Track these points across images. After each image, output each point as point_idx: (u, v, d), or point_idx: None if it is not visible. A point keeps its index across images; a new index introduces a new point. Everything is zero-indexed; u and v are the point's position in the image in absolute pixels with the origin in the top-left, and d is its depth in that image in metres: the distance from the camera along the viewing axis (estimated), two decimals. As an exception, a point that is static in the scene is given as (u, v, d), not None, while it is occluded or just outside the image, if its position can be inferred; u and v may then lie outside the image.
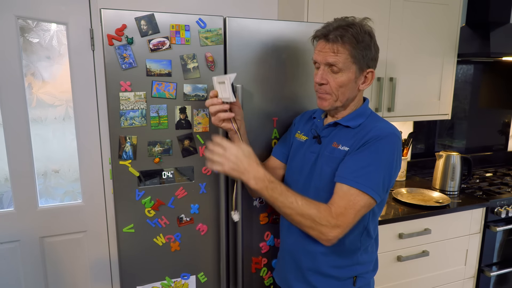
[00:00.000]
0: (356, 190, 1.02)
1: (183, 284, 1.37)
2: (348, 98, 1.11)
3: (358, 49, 1.05)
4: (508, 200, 2.09)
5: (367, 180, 1.02)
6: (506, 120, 2.89)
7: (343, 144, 1.10)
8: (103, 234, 1.90)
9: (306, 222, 1.02)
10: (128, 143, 1.21)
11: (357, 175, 1.03)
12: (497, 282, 2.19)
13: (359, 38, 1.04)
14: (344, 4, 1.81)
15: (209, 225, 1.37)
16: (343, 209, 1.01)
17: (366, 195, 1.02)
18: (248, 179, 1.03)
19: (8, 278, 1.76)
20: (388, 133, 1.06)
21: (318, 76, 1.09)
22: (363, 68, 1.09)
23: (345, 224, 1.01)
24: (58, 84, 1.75)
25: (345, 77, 1.07)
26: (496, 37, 2.18)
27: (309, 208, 1.01)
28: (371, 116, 1.15)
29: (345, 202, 1.02)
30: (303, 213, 1.01)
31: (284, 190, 1.03)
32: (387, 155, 1.04)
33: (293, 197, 1.02)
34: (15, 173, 1.71)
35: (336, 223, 1.00)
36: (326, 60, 1.06)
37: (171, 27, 1.20)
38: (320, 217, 1.00)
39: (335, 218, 1.00)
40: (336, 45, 1.04)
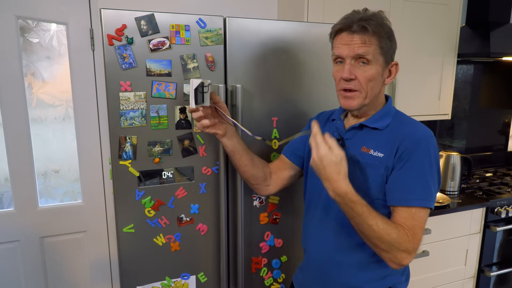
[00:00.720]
0: (417, 208, 0.97)
1: (183, 284, 1.37)
2: (375, 93, 1.04)
3: (385, 39, 1.00)
4: (508, 200, 2.09)
5: (425, 194, 0.98)
6: (506, 120, 2.89)
7: (375, 149, 1.04)
8: (103, 234, 1.90)
9: (383, 246, 0.95)
10: (128, 143, 1.21)
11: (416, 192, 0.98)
12: (497, 282, 2.19)
13: (384, 28, 0.99)
14: (344, 4, 1.81)
15: (209, 225, 1.37)
16: (414, 231, 0.96)
17: (426, 209, 0.99)
18: (327, 187, 0.96)
19: (8, 278, 1.76)
20: (426, 137, 1.01)
21: (346, 71, 1.00)
22: (388, 61, 1.03)
23: (418, 245, 0.97)
24: (58, 84, 1.75)
25: (374, 70, 1.00)
26: (496, 37, 2.18)
27: (390, 233, 0.94)
28: (397, 115, 1.09)
29: (411, 222, 0.96)
30: (383, 238, 0.94)
31: (365, 212, 0.94)
32: (432, 160, 1.00)
33: (374, 220, 0.94)
34: (15, 173, 1.71)
35: (413, 247, 0.95)
36: (354, 52, 0.98)
37: (171, 27, 1.20)
38: (399, 243, 0.94)
39: (412, 243, 0.95)
40: (366, 35, 0.98)
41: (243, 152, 1.20)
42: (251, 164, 1.22)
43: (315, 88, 1.43)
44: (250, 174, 1.23)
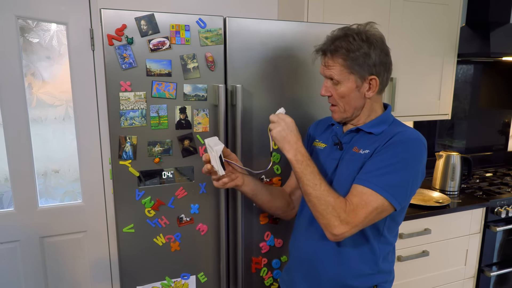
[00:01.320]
0: (369, 190, 1.00)
1: (183, 284, 1.37)
2: (355, 107, 1.10)
3: (351, 59, 1.04)
4: (508, 200, 2.09)
5: (381, 181, 1.00)
6: (506, 120, 2.89)
7: (364, 149, 1.09)
8: (103, 234, 1.90)
9: (319, 207, 1.02)
10: (128, 143, 1.21)
11: (372, 175, 1.02)
12: (497, 282, 2.19)
13: (352, 48, 1.03)
14: (344, 4, 1.81)
15: (209, 225, 1.37)
16: (354, 206, 1.00)
17: (380, 197, 1.00)
18: (289, 149, 1.06)
19: (8, 278, 1.76)
20: (411, 138, 1.05)
21: (323, 89, 1.12)
22: (364, 76, 1.06)
23: (354, 222, 1.00)
24: (58, 84, 1.75)
25: (344, 87, 1.07)
26: (496, 37, 2.18)
27: (328, 195, 1.01)
28: (394, 123, 1.14)
29: (358, 200, 1.01)
30: (321, 197, 1.01)
31: (316, 172, 1.04)
32: (407, 159, 1.02)
33: (320, 181, 1.03)
34: (15, 173, 1.71)
35: (346, 219, 0.99)
36: (324, 74, 1.10)
37: (171, 27, 1.20)
38: (334, 207, 1.00)
39: (347, 213, 1.00)
40: (328, 59, 1.07)
41: (262, 191, 1.24)
42: (273, 199, 1.27)
43: (315, 88, 1.43)
44: (276, 207, 1.28)
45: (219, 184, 1.15)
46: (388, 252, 1.16)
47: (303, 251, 1.20)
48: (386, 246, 1.14)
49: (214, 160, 1.08)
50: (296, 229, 1.26)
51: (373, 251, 1.12)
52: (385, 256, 1.15)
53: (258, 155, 1.40)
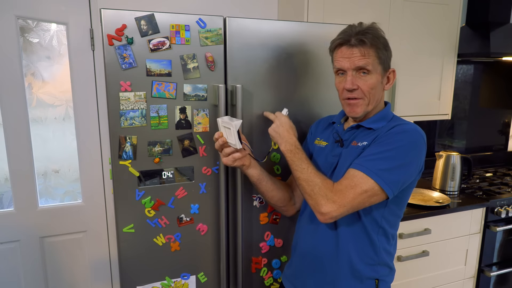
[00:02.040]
0: (360, 173, 1.03)
1: (183, 284, 1.37)
2: (377, 100, 1.13)
3: (382, 50, 1.08)
4: (508, 200, 2.09)
5: (373, 165, 1.02)
6: (506, 120, 2.89)
7: (362, 141, 1.11)
8: (103, 234, 1.90)
9: (307, 189, 1.07)
10: (128, 143, 1.21)
11: (365, 160, 1.04)
12: (497, 282, 2.19)
13: (380, 39, 1.07)
14: (344, 4, 1.81)
15: (209, 225, 1.37)
16: (343, 186, 1.03)
17: (371, 180, 1.01)
18: (281, 142, 1.16)
19: (8, 278, 1.76)
20: (409, 129, 1.07)
21: (348, 82, 1.08)
22: (386, 68, 1.12)
23: (341, 202, 1.02)
24: (58, 84, 1.75)
25: (374, 79, 1.08)
26: (496, 37, 2.18)
27: (315, 177, 1.07)
28: (393, 119, 1.16)
29: (347, 182, 1.03)
30: (309, 179, 1.07)
31: (304, 158, 1.11)
32: (403, 147, 1.04)
33: (307, 165, 1.09)
34: (15, 173, 1.71)
35: (333, 198, 1.03)
36: (355, 65, 1.07)
37: (171, 27, 1.20)
38: (321, 187, 1.05)
39: (333, 193, 1.03)
40: (364, 48, 1.06)
41: (268, 178, 1.27)
42: (276, 188, 1.28)
43: (315, 88, 1.43)
44: (278, 197, 1.29)
45: (228, 159, 1.17)
46: (388, 244, 1.17)
47: (305, 245, 1.23)
48: (386, 238, 1.15)
49: (231, 135, 1.12)
50: (299, 226, 1.28)
51: (373, 243, 1.13)
52: (385, 248, 1.16)
53: (258, 155, 1.40)
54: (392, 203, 1.11)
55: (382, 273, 1.16)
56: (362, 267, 1.13)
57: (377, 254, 1.14)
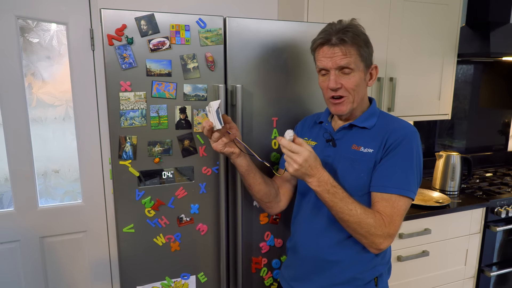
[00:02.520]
0: (395, 195, 1.04)
1: (183, 284, 1.37)
2: (361, 97, 1.13)
3: (363, 47, 1.08)
4: (508, 200, 2.09)
5: (405, 184, 1.05)
6: (506, 120, 2.89)
7: (365, 146, 1.11)
8: (103, 234, 1.90)
9: (361, 231, 1.03)
10: (128, 143, 1.21)
11: (395, 181, 1.05)
12: (497, 282, 2.19)
13: (361, 37, 1.07)
14: (344, 4, 1.81)
15: (209, 225, 1.37)
16: (390, 217, 1.03)
17: (405, 197, 1.05)
18: (312, 181, 1.02)
19: (8, 278, 1.76)
20: (410, 133, 1.09)
21: (332, 81, 1.08)
22: (368, 65, 1.12)
23: (395, 231, 1.04)
24: (58, 84, 1.75)
25: (357, 76, 1.08)
26: (496, 37, 2.18)
27: (367, 217, 1.01)
28: (381, 115, 1.17)
29: (390, 210, 1.04)
30: (361, 222, 1.01)
31: (345, 197, 1.02)
32: (414, 154, 1.07)
33: (353, 205, 1.02)
34: (15, 173, 1.71)
35: (389, 232, 1.03)
36: (337, 64, 1.06)
37: (171, 27, 1.20)
38: (376, 227, 1.02)
39: (388, 227, 1.03)
40: (345, 47, 1.05)
41: (256, 171, 1.23)
42: (264, 182, 1.24)
43: (315, 88, 1.43)
44: (264, 192, 1.25)
45: (218, 144, 1.13)
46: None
47: (306, 249, 1.20)
48: None
49: (212, 116, 1.08)
50: (297, 228, 1.26)
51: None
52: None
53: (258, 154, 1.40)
54: None
55: (380, 271, 1.17)
56: (365, 268, 1.13)
57: (379, 255, 1.15)
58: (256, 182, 1.22)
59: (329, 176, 1.03)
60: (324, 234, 1.15)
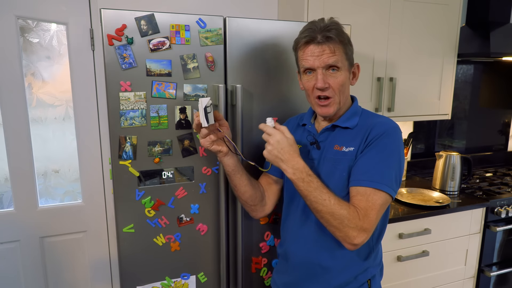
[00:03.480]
0: (372, 189, 1.01)
1: (183, 284, 1.37)
2: (346, 96, 1.12)
3: (348, 45, 1.07)
4: (508, 200, 2.09)
5: (379, 177, 1.02)
6: (506, 120, 2.89)
7: (347, 146, 1.09)
8: (103, 234, 1.90)
9: (334, 223, 0.99)
10: (128, 143, 1.21)
11: (370, 174, 1.02)
12: (497, 282, 2.19)
13: (344, 35, 1.06)
14: (344, 4, 1.81)
15: (209, 225, 1.37)
16: (365, 211, 1.00)
17: (382, 192, 1.01)
18: (286, 167, 1.02)
19: (8, 278, 1.76)
20: (390, 128, 1.07)
21: (320, 80, 1.05)
22: (351, 63, 1.11)
23: (370, 226, 1.00)
24: (58, 84, 1.75)
25: (344, 75, 1.07)
26: (496, 37, 2.18)
27: (341, 208, 0.99)
28: (364, 113, 1.16)
29: (365, 204, 1.00)
30: (334, 212, 0.98)
31: (320, 186, 1.01)
32: (394, 150, 1.05)
33: (327, 195, 1.00)
34: (15, 173, 1.71)
35: (363, 226, 0.99)
36: (325, 63, 1.04)
37: (171, 27, 1.20)
38: (349, 219, 0.98)
39: (362, 220, 0.99)
40: (332, 45, 1.03)
41: (243, 172, 1.22)
42: (250, 184, 1.23)
43: (315, 88, 1.43)
44: (249, 194, 1.23)
45: (205, 141, 1.13)
46: (378, 246, 1.18)
47: (297, 256, 1.19)
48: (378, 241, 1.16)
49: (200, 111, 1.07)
50: (288, 232, 1.24)
51: (368, 245, 1.13)
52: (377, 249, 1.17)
53: (258, 155, 1.40)
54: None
55: (373, 273, 1.16)
56: (358, 272, 1.13)
57: (370, 257, 1.14)
58: (242, 184, 1.21)
59: (305, 165, 1.02)
60: (315, 240, 1.13)
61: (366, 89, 1.96)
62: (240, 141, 1.33)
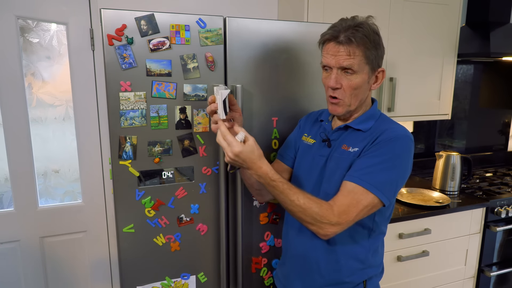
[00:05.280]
0: (360, 188, 1.01)
1: (183, 284, 1.37)
2: (361, 100, 1.09)
3: (371, 49, 1.03)
4: (508, 200, 2.09)
5: (372, 179, 1.01)
6: (506, 120, 2.89)
7: (354, 146, 1.09)
8: (103, 234, 1.90)
9: (307, 219, 1.02)
10: (128, 143, 1.21)
11: (363, 173, 1.02)
12: (497, 282, 2.19)
13: (370, 38, 1.02)
14: (344, 4, 1.81)
15: (209, 225, 1.37)
16: (346, 207, 1.00)
17: (371, 194, 1.01)
18: (252, 173, 1.04)
19: (8, 278, 1.76)
20: (401, 135, 1.05)
21: (332, 80, 1.05)
22: (375, 68, 1.07)
23: (346, 222, 1.01)
24: (58, 84, 1.75)
25: (360, 79, 1.04)
26: (496, 37, 2.18)
27: (311, 207, 1.00)
28: (381, 118, 1.13)
29: (349, 200, 1.00)
30: (305, 211, 1.00)
31: (285, 189, 1.02)
32: (397, 156, 1.03)
33: (295, 196, 1.01)
34: (15, 173, 1.71)
35: (338, 221, 1.00)
36: (340, 64, 1.03)
37: (171, 27, 1.20)
38: (322, 216, 0.99)
39: (337, 216, 0.99)
40: (351, 47, 1.01)
41: None
42: None
43: (315, 88, 1.43)
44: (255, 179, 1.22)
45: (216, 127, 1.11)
46: (378, 245, 1.17)
47: (295, 248, 1.21)
48: (376, 240, 1.15)
49: (218, 103, 1.07)
50: (287, 225, 1.26)
51: (363, 246, 1.13)
52: (375, 249, 1.15)
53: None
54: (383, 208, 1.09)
55: (370, 274, 1.15)
56: (352, 269, 1.13)
57: (367, 258, 1.13)
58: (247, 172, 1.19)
59: (268, 171, 1.02)
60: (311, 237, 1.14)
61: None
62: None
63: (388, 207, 1.13)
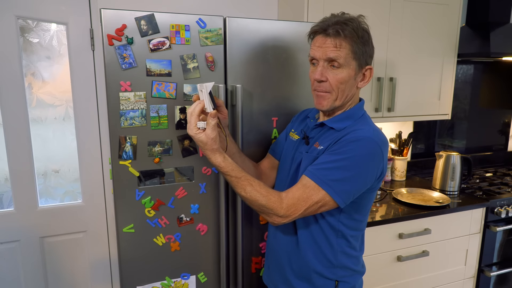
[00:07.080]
0: (313, 183, 1.01)
1: (183, 284, 1.37)
2: (347, 96, 1.08)
3: (359, 44, 1.03)
4: (508, 200, 2.09)
5: (325, 176, 1.01)
6: (506, 120, 2.89)
7: (322, 144, 1.09)
8: (103, 234, 1.90)
9: (255, 209, 1.06)
10: (128, 143, 1.21)
11: (318, 168, 1.02)
12: (497, 282, 2.19)
13: (358, 33, 1.03)
14: (344, 4, 1.81)
15: (209, 225, 1.37)
16: (296, 200, 1.02)
17: (322, 191, 1.01)
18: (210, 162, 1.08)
19: (8, 278, 1.76)
20: (365, 137, 1.02)
21: (318, 72, 1.05)
22: (362, 65, 1.06)
23: (294, 215, 1.03)
24: (58, 84, 1.75)
25: (346, 73, 1.04)
26: (496, 37, 2.18)
27: (257, 199, 1.03)
28: (361, 119, 1.11)
29: (300, 194, 1.02)
30: (252, 203, 1.05)
31: (233, 181, 1.05)
32: (356, 157, 1.01)
33: (242, 188, 1.04)
34: (15, 173, 1.71)
35: (285, 214, 1.02)
36: (326, 55, 1.03)
37: (171, 27, 1.20)
38: (269, 208, 1.02)
39: (285, 209, 1.02)
40: (338, 39, 1.01)
41: (240, 153, 1.26)
42: (247, 167, 1.26)
43: (315, 88, 1.43)
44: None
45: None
46: (349, 247, 1.15)
47: (271, 243, 1.26)
48: (346, 241, 1.13)
49: (205, 98, 1.06)
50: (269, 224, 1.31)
51: (331, 246, 1.12)
52: (344, 251, 1.14)
53: (258, 154, 1.40)
54: (348, 209, 1.09)
55: (341, 275, 1.15)
56: (320, 268, 1.13)
57: (336, 257, 1.13)
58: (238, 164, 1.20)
59: (221, 162, 1.04)
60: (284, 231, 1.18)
61: (366, 89, 1.96)
62: (240, 140, 1.33)
63: (357, 210, 1.11)
